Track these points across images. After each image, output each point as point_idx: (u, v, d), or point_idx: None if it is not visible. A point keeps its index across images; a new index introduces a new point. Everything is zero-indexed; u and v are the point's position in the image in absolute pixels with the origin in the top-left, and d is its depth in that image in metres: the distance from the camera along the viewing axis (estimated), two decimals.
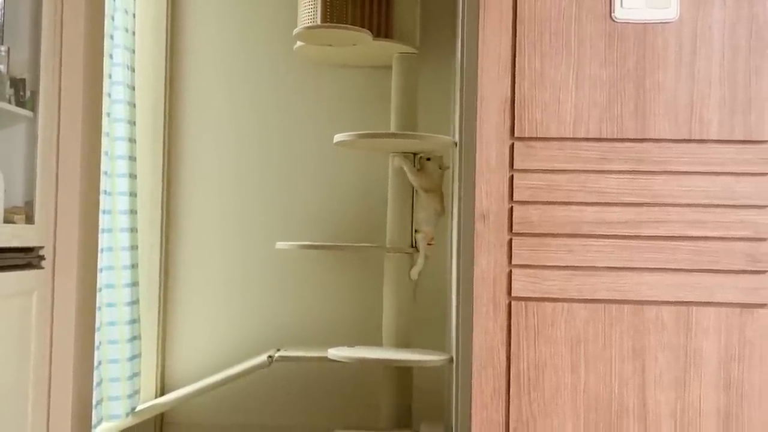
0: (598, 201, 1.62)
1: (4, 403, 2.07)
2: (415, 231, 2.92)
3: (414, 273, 2.88)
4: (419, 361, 2.68)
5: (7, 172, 2.21)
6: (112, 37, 2.85)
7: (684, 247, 1.61)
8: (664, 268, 1.61)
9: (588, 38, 1.64)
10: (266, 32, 3.26)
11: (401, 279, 2.92)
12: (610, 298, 1.62)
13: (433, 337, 3.11)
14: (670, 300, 1.61)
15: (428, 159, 2.89)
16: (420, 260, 2.88)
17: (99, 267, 2.65)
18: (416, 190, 2.92)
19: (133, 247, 3.00)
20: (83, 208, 2.36)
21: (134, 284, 3.00)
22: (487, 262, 1.63)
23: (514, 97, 1.64)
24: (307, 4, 2.86)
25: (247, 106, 3.26)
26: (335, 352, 2.74)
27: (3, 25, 2.19)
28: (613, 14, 1.63)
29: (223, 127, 3.26)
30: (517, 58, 1.65)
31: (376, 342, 3.07)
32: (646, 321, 1.61)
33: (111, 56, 2.86)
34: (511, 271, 1.63)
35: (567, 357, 1.62)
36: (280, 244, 2.91)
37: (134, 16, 3.06)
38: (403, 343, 2.91)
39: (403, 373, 2.90)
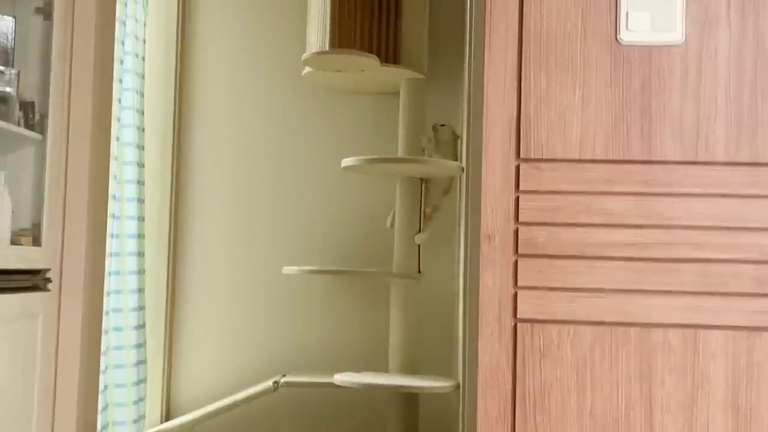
0: (604, 223, 1.62)
1: (9, 425, 2.06)
2: (425, 205, 2.98)
3: (419, 239, 2.90)
4: (426, 388, 2.66)
5: (15, 194, 2.22)
6: (122, 62, 2.87)
7: (690, 269, 1.60)
8: (671, 291, 1.60)
9: (594, 59, 1.64)
10: (275, 57, 3.29)
11: (408, 304, 2.91)
12: (617, 320, 1.60)
13: (440, 363, 3.09)
14: (677, 323, 1.60)
15: (442, 125, 2.92)
16: (427, 231, 2.92)
17: (106, 291, 2.65)
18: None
19: (141, 271, 3.00)
20: (91, 232, 2.37)
21: (141, 308, 3.00)
22: (493, 283, 1.63)
23: (519, 117, 1.64)
24: (315, 30, 2.88)
25: (255, 130, 3.27)
26: (341, 378, 2.73)
27: (14, 49, 2.21)
28: (618, 36, 1.64)
29: (231, 151, 3.28)
30: (522, 78, 1.65)
31: (382, 367, 3.06)
32: (652, 344, 1.60)
33: (121, 81, 2.88)
34: (516, 292, 1.62)
35: (573, 379, 1.60)
36: (287, 269, 2.91)
37: (144, 41, 3.09)
38: (409, 369, 2.89)
39: (409, 399, 2.88)
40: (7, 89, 2.15)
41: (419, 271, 2.94)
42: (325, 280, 3.22)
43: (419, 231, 2.94)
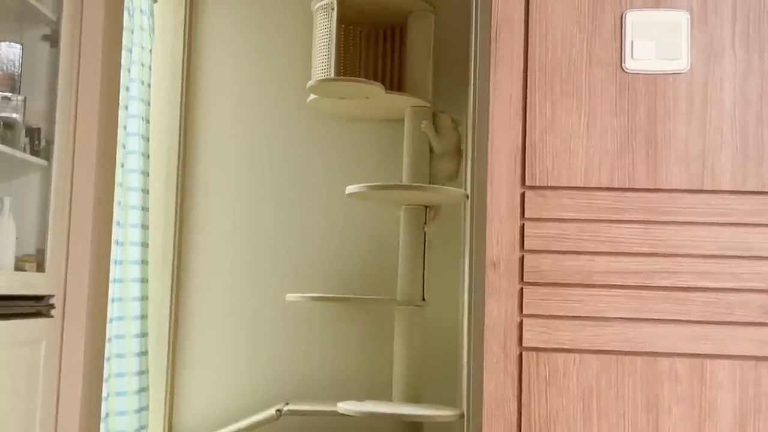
0: (610, 251, 1.61)
1: None
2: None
3: (427, 229, 2.91)
4: (429, 417, 2.65)
5: (20, 220, 2.22)
6: (127, 89, 2.89)
7: (697, 298, 1.60)
8: (677, 320, 1.59)
9: (599, 87, 1.65)
10: (280, 84, 3.30)
11: (412, 332, 2.90)
12: (623, 349, 1.60)
13: (444, 392, 3.08)
14: (684, 352, 1.59)
15: (442, 111, 2.92)
16: (432, 224, 2.93)
17: (109, 317, 2.65)
18: (433, 154, 2.96)
19: (144, 298, 3.00)
20: (94, 258, 2.37)
21: (143, 335, 2.99)
22: (498, 311, 1.62)
23: (525, 144, 1.65)
24: (321, 57, 2.90)
25: (260, 157, 3.28)
26: (345, 406, 2.71)
27: (20, 75, 2.22)
28: (623, 64, 1.64)
29: (236, 178, 3.28)
30: (528, 106, 1.65)
31: (386, 396, 3.04)
32: (659, 373, 1.59)
33: (126, 108, 2.89)
34: (522, 320, 1.61)
35: (579, 408, 1.59)
36: (291, 296, 2.90)
37: (150, 68, 3.10)
38: (413, 397, 2.87)
39: (413, 428, 2.86)
40: (14, 115, 2.15)
41: (423, 299, 2.93)
42: (329, 307, 3.21)
43: (423, 254, 2.93)
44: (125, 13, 2.68)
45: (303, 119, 3.28)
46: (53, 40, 2.30)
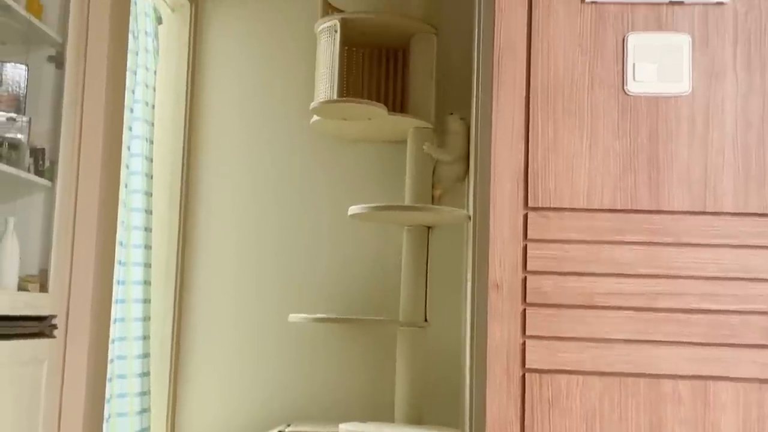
0: (612, 272, 1.61)
1: None
2: (434, 187, 2.97)
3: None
4: None
5: (24, 241, 2.22)
6: (132, 110, 2.90)
7: (699, 320, 1.60)
8: (680, 342, 1.59)
9: (601, 108, 1.66)
10: (284, 106, 3.31)
11: (414, 353, 2.89)
12: (626, 370, 1.59)
13: (447, 413, 3.06)
14: (687, 374, 1.58)
15: (451, 113, 2.97)
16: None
17: (111, 338, 2.64)
18: (438, 162, 2.95)
19: (146, 318, 2.99)
20: (97, 279, 2.37)
21: (146, 355, 2.98)
22: (501, 333, 1.62)
23: (527, 165, 1.65)
24: (324, 79, 2.91)
25: (263, 178, 3.29)
26: (347, 428, 2.71)
27: (26, 96, 2.24)
28: (625, 87, 1.65)
29: (239, 199, 3.29)
30: (530, 127, 1.66)
31: (388, 417, 3.03)
32: (662, 394, 1.58)
33: (130, 129, 2.90)
34: (524, 342, 1.61)
35: (582, 430, 1.59)
36: (293, 317, 2.90)
37: (154, 89, 3.12)
38: (415, 419, 2.87)
39: None
40: (19, 136, 2.16)
41: (426, 320, 2.93)
42: (331, 328, 3.20)
43: (426, 275, 2.93)
44: (130, 35, 2.70)
45: (306, 140, 3.29)
46: (58, 61, 2.31)
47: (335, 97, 2.84)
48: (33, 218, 2.28)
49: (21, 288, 2.17)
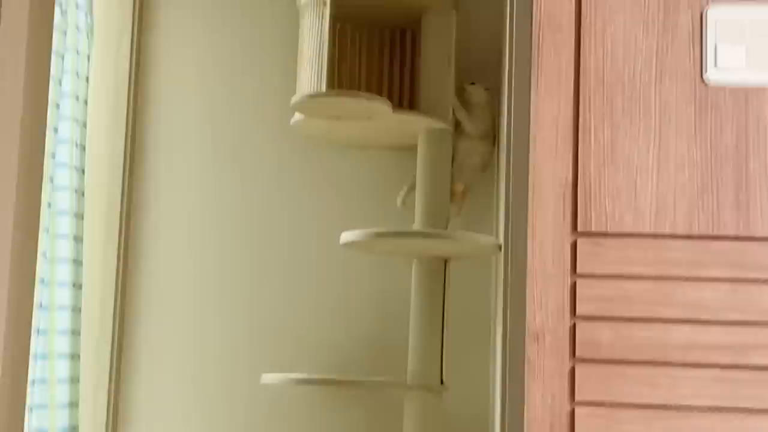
0: (690, 318, 1.62)
1: None
2: (453, 183, 3.00)
3: (451, 225, 2.97)
4: None
5: None
6: (58, 106, 2.92)
7: None
8: None
9: (673, 106, 1.67)
10: (257, 101, 3.33)
11: (426, 425, 2.89)
12: None
13: None
14: None
15: (472, 83, 3.03)
16: (458, 216, 2.98)
17: (29, 404, 2.64)
18: (460, 138, 3.00)
19: (75, 380, 3.00)
20: (12, 323, 2.37)
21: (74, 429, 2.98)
22: (542, 399, 1.62)
23: (576, 180, 1.66)
24: (309, 67, 2.92)
25: (229, 197, 3.30)
26: None
27: None
28: (704, 75, 1.66)
29: (198, 223, 3.29)
30: (580, 131, 1.67)
31: None
32: None
33: (56, 130, 2.92)
34: (573, 409, 1.62)
35: None
36: (267, 377, 2.90)
37: (88, 80, 3.14)
38: None
39: None
40: None
41: (442, 382, 2.93)
42: (317, 392, 3.20)
43: (442, 323, 2.94)
44: (57, 9, 2.72)
45: (285, 145, 3.30)
46: None
47: (323, 89, 2.85)
48: None
49: None
